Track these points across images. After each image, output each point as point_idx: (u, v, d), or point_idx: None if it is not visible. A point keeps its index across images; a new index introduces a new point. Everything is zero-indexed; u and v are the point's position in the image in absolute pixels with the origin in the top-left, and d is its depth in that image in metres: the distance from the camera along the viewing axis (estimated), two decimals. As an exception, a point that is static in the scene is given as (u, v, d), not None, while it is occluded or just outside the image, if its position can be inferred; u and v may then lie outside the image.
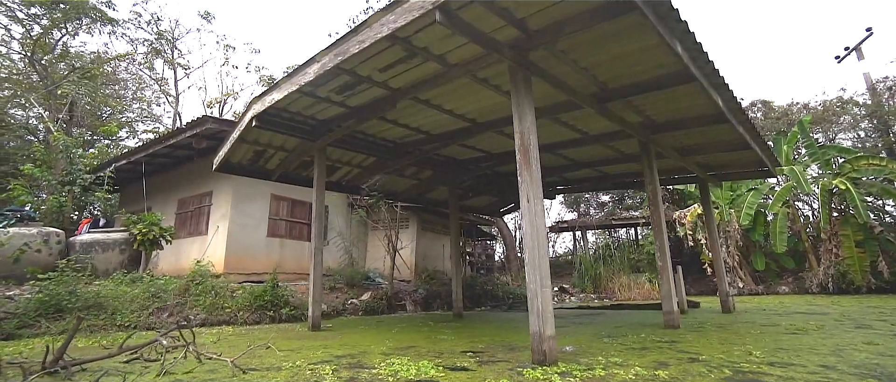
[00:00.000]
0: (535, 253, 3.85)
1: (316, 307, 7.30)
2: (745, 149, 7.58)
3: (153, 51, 19.19)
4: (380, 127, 7.99)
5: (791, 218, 15.77)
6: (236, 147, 8.31)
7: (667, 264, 6.40)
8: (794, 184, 14.52)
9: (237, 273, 11.72)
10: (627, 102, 6.10)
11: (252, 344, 5.34)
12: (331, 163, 9.63)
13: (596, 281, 17.73)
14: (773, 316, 7.68)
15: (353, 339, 5.78)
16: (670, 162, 9.29)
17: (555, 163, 9.72)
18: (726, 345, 4.52)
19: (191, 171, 13.47)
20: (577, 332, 6.10)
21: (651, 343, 4.77)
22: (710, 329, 5.97)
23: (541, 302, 3.74)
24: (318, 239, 7.75)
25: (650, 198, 6.70)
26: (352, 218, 14.47)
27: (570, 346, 4.76)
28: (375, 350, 4.83)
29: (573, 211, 23.86)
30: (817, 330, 5.51)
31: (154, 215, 10.29)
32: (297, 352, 4.75)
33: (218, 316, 8.13)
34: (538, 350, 3.69)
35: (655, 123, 6.94)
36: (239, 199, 12.20)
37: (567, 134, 7.77)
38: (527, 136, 4.18)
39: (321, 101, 6.85)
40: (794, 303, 10.71)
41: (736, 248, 16.24)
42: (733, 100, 5.77)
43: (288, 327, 7.82)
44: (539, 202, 4.05)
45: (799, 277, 15.11)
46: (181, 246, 12.90)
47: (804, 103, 20.37)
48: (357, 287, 12.06)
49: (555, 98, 6.13)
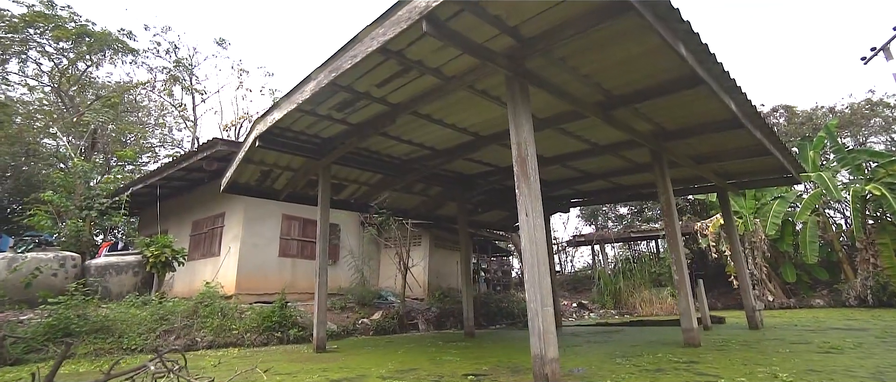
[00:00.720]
0: (535, 270, 3.63)
1: (321, 327, 7.15)
2: (764, 155, 7.20)
3: (172, 78, 19.86)
4: (384, 143, 7.93)
5: (822, 226, 14.98)
6: (242, 168, 8.36)
7: (684, 278, 6.04)
8: (823, 191, 13.83)
9: (249, 293, 11.71)
10: (634, 110, 5.88)
11: (252, 367, 5.21)
12: (337, 181, 9.62)
13: (616, 296, 17.12)
14: (805, 332, 7.15)
15: (355, 361, 5.59)
16: (686, 171, 8.93)
17: (566, 175, 9.46)
18: (750, 366, 4.16)
19: (204, 193, 13.67)
20: (591, 352, 5.77)
21: (667, 364, 4.43)
22: (733, 347, 5.56)
23: (542, 322, 3.50)
24: (323, 258, 7.65)
25: (664, 209, 6.38)
26: (363, 236, 14.38)
27: (581, 368, 4.46)
28: (374, 373, 4.63)
29: (591, 224, 23.29)
30: (855, 349, 5.06)
31: (166, 237, 10.41)
32: (294, 376, 4.59)
33: (225, 337, 8.05)
34: (540, 374, 3.44)
35: (666, 131, 6.67)
36: (250, 220, 12.27)
37: (575, 145, 7.54)
38: (524, 147, 4.00)
39: (323, 119, 6.83)
40: (829, 318, 10.03)
41: (763, 259, 15.47)
42: (747, 104, 5.49)
43: (294, 349, 7.68)
44: (539, 216, 3.84)
45: (834, 289, 14.25)
46: (195, 268, 13.02)
47: (830, 107, 19.59)
48: (368, 306, 11.88)
49: (558, 108, 5.95)
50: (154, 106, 24.85)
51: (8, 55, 17.49)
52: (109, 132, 21.34)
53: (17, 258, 8.98)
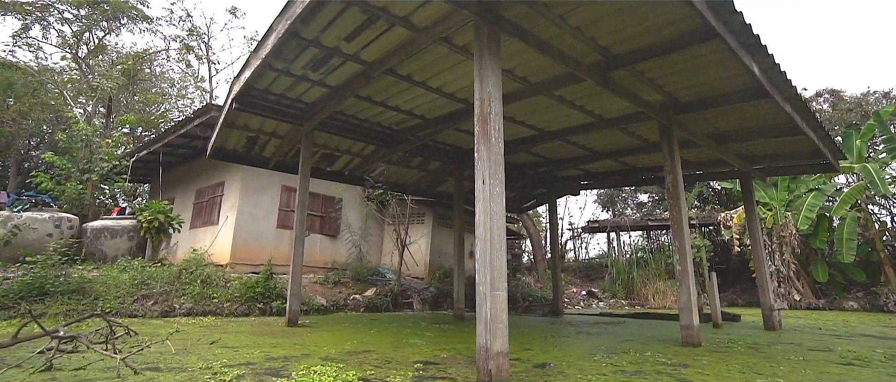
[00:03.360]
0: (488, 246, 3.07)
1: (293, 301, 6.82)
2: (795, 135, 6.29)
3: (185, 47, 19.81)
4: (372, 110, 7.42)
5: (862, 223, 13.65)
6: (225, 133, 8.03)
7: (687, 268, 5.33)
8: (867, 184, 12.50)
9: (244, 263, 11.56)
10: (638, 74, 5.11)
11: (202, 339, 4.90)
12: (329, 151, 9.20)
13: (629, 286, 16.33)
14: (829, 338, 6.33)
15: (314, 339, 5.21)
16: (706, 152, 8.05)
17: (571, 152, 8.72)
18: (749, 375, 3.50)
19: (206, 162, 13.52)
20: (575, 344, 5.20)
21: (651, 366, 3.82)
22: (738, 350, 4.87)
23: (490, 309, 2.95)
24: (300, 228, 7.28)
25: (670, 190, 5.64)
26: (365, 211, 14.04)
27: (552, 363, 3.91)
28: (323, 352, 4.21)
29: (608, 210, 22.28)
30: (886, 363, 4.29)
31: (159, 203, 10.31)
32: (237, 350, 4.22)
33: (204, 306, 7.87)
34: (484, 369, 2.91)
35: (679, 102, 5.85)
36: (248, 190, 12.07)
37: (578, 117, 6.81)
38: (488, 104, 3.39)
39: (300, 80, 6.36)
40: (861, 323, 9.05)
41: (792, 256, 14.30)
42: (775, 68, 4.64)
43: (270, 321, 7.42)
44: (498, 184, 3.25)
45: (871, 292, 13.03)
46: (197, 235, 13.02)
47: (884, 91, 17.73)
48: (363, 282, 11.59)
49: (551, 70, 5.25)
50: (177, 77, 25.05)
51: (30, 21, 17.71)
52: (134, 101, 21.64)
53: (12, 217, 9.02)
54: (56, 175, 11.18)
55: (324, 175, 10.09)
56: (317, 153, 9.20)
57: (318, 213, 13.43)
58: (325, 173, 10.03)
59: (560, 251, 23.36)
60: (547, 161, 9.37)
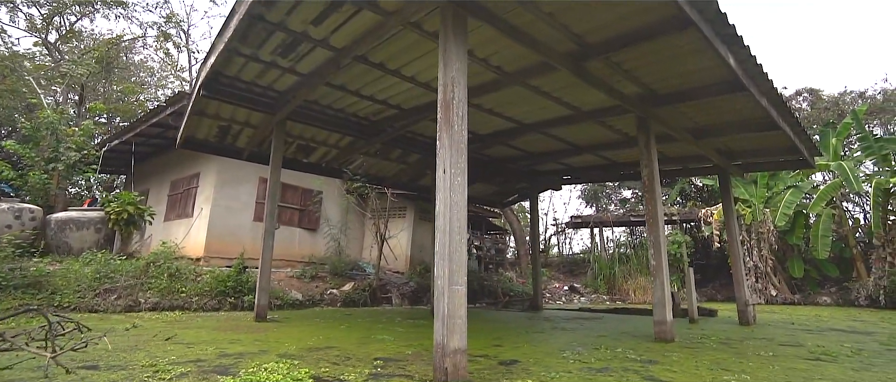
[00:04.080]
0: (447, 238, 2.92)
1: (262, 295, 6.62)
2: (772, 130, 6.26)
3: (162, 34, 19.18)
4: (347, 100, 7.21)
5: (837, 220, 13.90)
6: (195, 122, 7.74)
7: (661, 264, 5.27)
8: (842, 182, 12.69)
9: (219, 257, 11.23)
10: (614, 65, 5.00)
11: (159, 334, 4.67)
12: (305, 142, 8.96)
13: (611, 281, 16.40)
14: (800, 332, 6.36)
15: (280, 334, 5.02)
16: (685, 147, 8.01)
17: (551, 146, 8.62)
18: (716, 373, 3.43)
19: (181, 153, 13.11)
20: (548, 340, 5.10)
21: (620, 363, 3.73)
22: (710, 346, 4.83)
23: (447, 304, 2.81)
24: (270, 220, 7.06)
25: (646, 184, 5.55)
26: (346, 205, 13.79)
27: (519, 360, 3.79)
28: (283, 349, 4.03)
29: (591, 206, 22.36)
30: (852, 357, 4.28)
31: (129, 194, 9.94)
32: (192, 346, 4.02)
33: (172, 300, 7.60)
34: (440, 367, 2.77)
35: (656, 95, 5.77)
36: (224, 182, 11.73)
37: (556, 109, 6.69)
38: (451, 89, 3.23)
39: (271, 67, 6.13)
40: (832, 317, 9.18)
41: (770, 252, 14.50)
42: (751, 60, 4.57)
43: (240, 316, 7.19)
44: (460, 174, 3.10)
45: (844, 287, 13.29)
46: (171, 228, 12.64)
47: (860, 91, 18.07)
48: (342, 277, 11.39)
49: (526, 59, 5.11)
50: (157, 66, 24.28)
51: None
52: (113, 91, 20.91)
53: (-32, 207, 8.60)
54: (19, 164, 10.71)
55: (300, 166, 9.84)
56: (292, 144, 8.96)
57: (296, 207, 13.15)
58: (301, 165, 9.79)
59: (542, 246, 23.42)
60: (527, 154, 9.26)
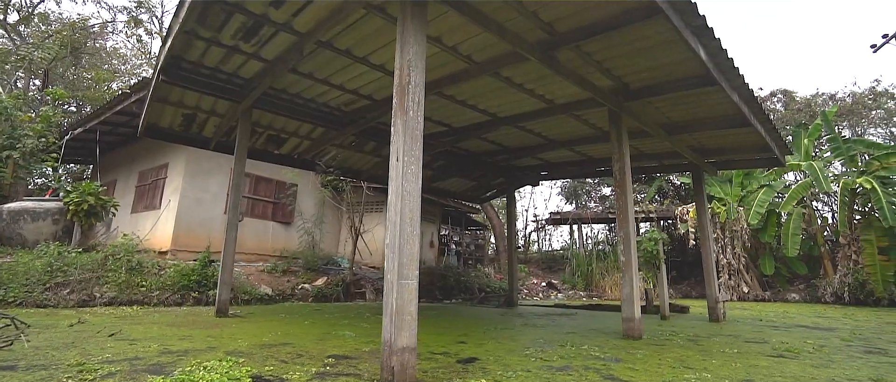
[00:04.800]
0: (398, 230, 2.76)
1: (223, 289, 6.35)
2: (743, 127, 6.27)
3: (132, 19, 18.43)
4: (317, 89, 6.96)
5: (807, 219, 14.22)
6: (158, 109, 7.39)
7: (631, 259, 5.21)
8: (812, 182, 12.97)
9: (188, 250, 10.86)
10: (588, 56, 4.89)
11: (103, 331, 4.40)
12: (275, 132, 8.66)
13: (588, 277, 16.50)
14: (767, 329, 6.41)
15: (236, 330, 4.79)
16: (660, 144, 8.01)
17: (526, 140, 8.52)
18: (679, 370, 3.36)
19: (150, 142, 12.66)
20: (514, 337, 4.99)
21: (582, 360, 3.64)
22: (677, 343, 4.79)
23: (396, 299, 2.65)
24: (234, 213, 6.80)
25: (617, 178, 5.49)
26: (321, 198, 13.50)
27: (479, 358, 3.67)
28: (233, 346, 3.82)
29: (571, 203, 22.48)
30: (813, 354, 4.28)
31: (90, 184, 9.47)
32: (135, 343, 3.78)
33: (130, 295, 7.27)
34: (386, 366, 2.61)
35: (629, 88, 5.70)
36: (194, 173, 11.34)
37: (530, 102, 6.58)
38: (408, 73, 3.06)
39: (234, 52, 5.86)
40: (800, 313, 9.35)
41: (743, 249, 14.78)
42: (722, 54, 4.51)
43: (202, 311, 6.91)
44: (414, 162, 2.94)
45: (811, 284, 13.62)
46: (138, 220, 12.20)
47: (830, 94, 18.52)
48: (315, 271, 11.14)
49: (495, 48, 4.96)
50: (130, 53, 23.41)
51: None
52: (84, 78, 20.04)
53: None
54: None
55: (271, 158, 9.53)
56: (261, 134, 8.67)
57: (270, 200, 12.82)
58: (272, 156, 9.48)
59: (522, 243, 23.47)
60: (504, 149, 9.15)
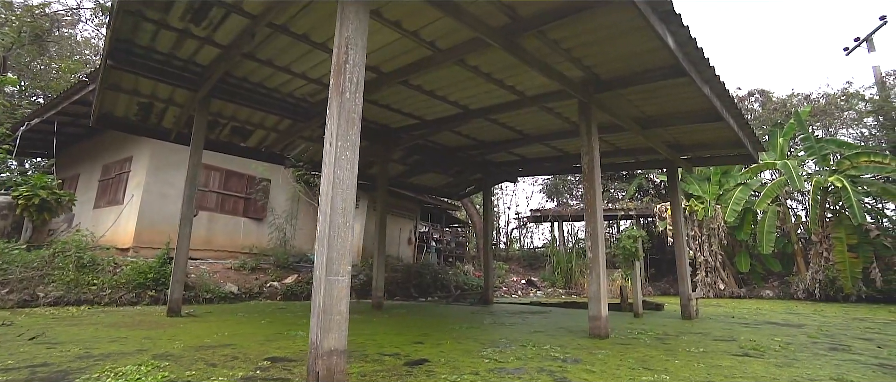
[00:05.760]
0: (328, 221, 2.51)
1: (176, 288, 6.01)
2: (717, 121, 6.16)
3: (100, 7, 17.69)
4: (279, 78, 6.65)
5: (781, 217, 14.38)
6: (110, 97, 6.99)
7: (598, 256, 5.05)
8: (787, 180, 13.09)
9: (151, 247, 10.39)
10: (554, 43, 4.70)
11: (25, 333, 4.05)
12: (239, 124, 8.30)
13: (568, 275, 16.44)
14: (738, 326, 6.34)
15: (181, 331, 4.48)
16: (635, 139, 7.90)
17: (499, 134, 8.33)
18: (638, 372, 3.19)
19: (116, 135, 12.14)
20: (476, 337, 4.78)
21: (538, 363, 3.44)
22: (643, 342, 4.64)
23: (324, 298, 2.40)
24: (188, 206, 6.46)
25: (585, 172, 5.31)
26: (294, 194, 13.12)
27: (430, 359, 3.44)
28: (167, 348, 3.53)
29: (553, 200, 22.44)
30: (778, 352, 4.17)
31: (42, 177, 8.97)
32: (55, 347, 3.45)
33: (79, 294, 6.85)
34: (312, 371, 2.37)
35: (600, 79, 5.53)
36: (158, 166, 10.87)
37: (500, 93, 6.37)
38: (345, 51, 2.81)
39: (186, 36, 5.55)
40: (772, 310, 9.38)
41: (720, 247, 14.89)
42: (691, 43, 4.36)
43: (154, 310, 6.55)
44: (350, 148, 2.70)
45: (785, 281, 13.78)
46: (100, 216, 11.68)
47: (805, 94, 18.81)
48: (286, 269, 10.79)
49: (459, 34, 4.73)
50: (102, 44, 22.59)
51: None
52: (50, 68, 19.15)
53: None
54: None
55: (237, 150, 9.16)
56: (225, 126, 8.31)
57: (241, 195, 12.40)
58: (238, 149, 9.11)
59: (504, 240, 23.36)
60: (478, 143, 8.94)
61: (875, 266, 11.27)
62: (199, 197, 11.78)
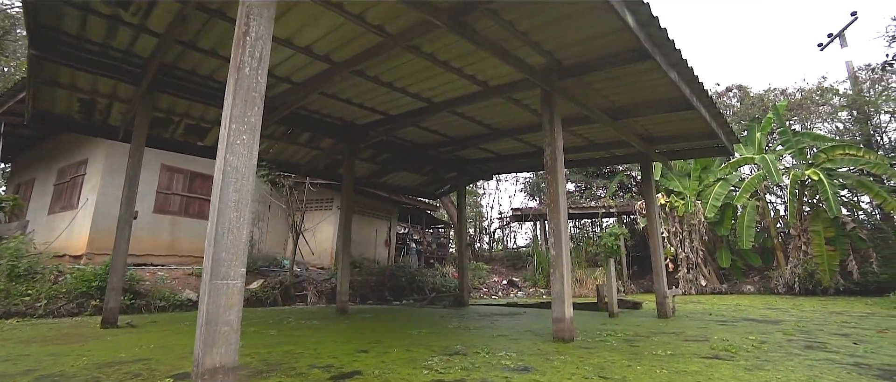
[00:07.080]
0: (216, 216, 2.13)
1: (111, 296, 5.53)
2: (687, 110, 5.90)
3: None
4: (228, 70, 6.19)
5: (760, 211, 14.33)
6: (45, 92, 6.49)
7: (561, 254, 4.74)
8: (765, 174, 13.02)
9: (106, 254, 9.79)
10: (510, 25, 4.37)
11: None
12: (194, 121, 7.84)
13: (549, 274, 16.18)
14: (714, 324, 6.09)
15: (97, 346, 4.03)
16: (607, 132, 7.64)
17: (470, 129, 8.00)
18: (591, 381, 2.85)
19: (73, 137, 11.53)
20: (428, 344, 4.41)
21: (484, 373, 3.10)
22: (608, 346, 4.33)
23: (209, 306, 2.02)
24: (127, 208, 5.98)
25: (548, 163, 5.00)
26: (265, 196, 12.62)
27: (362, 370, 3.07)
28: (69, 365, 3.11)
29: (534, 199, 22.23)
30: (750, 353, 3.89)
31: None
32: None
33: (9, 305, 6.31)
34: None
35: (562, 66, 5.23)
36: (114, 169, 10.28)
37: (462, 83, 6.04)
38: (245, 20, 2.45)
39: (118, 24, 5.17)
40: (751, 306, 9.21)
41: (701, 243, 14.77)
42: (653, 22, 4.08)
43: (87, 322, 6.06)
44: (247, 132, 2.32)
45: (765, 276, 13.70)
46: (54, 222, 11.05)
47: (781, 89, 18.90)
48: (252, 273, 10.29)
49: (406, 15, 4.38)
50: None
51: None
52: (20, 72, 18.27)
53: None
54: None
55: (194, 150, 8.66)
56: (179, 123, 7.84)
57: (207, 197, 11.85)
58: (194, 148, 8.61)
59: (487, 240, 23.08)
60: (448, 139, 8.60)
61: (852, 258, 11.21)
62: (161, 201, 11.25)
